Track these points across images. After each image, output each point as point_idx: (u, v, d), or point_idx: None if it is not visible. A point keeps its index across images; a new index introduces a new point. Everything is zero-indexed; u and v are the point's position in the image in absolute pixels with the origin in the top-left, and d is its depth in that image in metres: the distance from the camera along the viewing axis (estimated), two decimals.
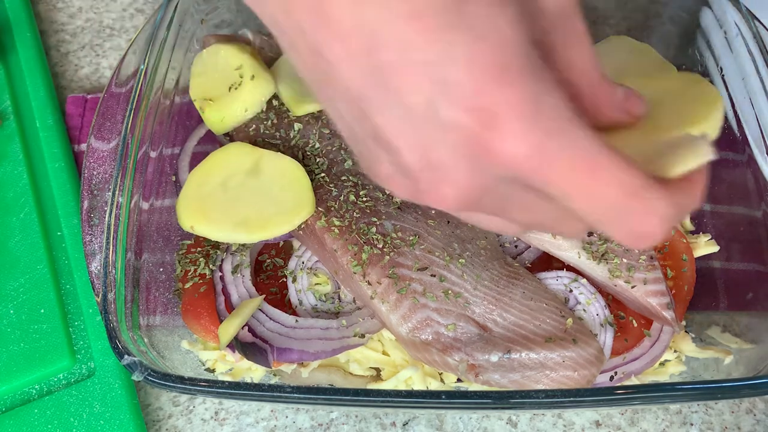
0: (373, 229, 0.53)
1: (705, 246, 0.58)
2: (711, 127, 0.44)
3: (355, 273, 0.52)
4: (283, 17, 0.32)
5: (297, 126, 0.59)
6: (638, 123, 0.40)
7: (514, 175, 0.30)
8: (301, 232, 0.55)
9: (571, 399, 0.45)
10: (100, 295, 0.50)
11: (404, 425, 0.57)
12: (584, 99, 0.34)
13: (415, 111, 0.30)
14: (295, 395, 0.46)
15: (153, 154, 0.60)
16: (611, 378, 0.52)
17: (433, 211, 0.55)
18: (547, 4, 0.32)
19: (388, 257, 0.52)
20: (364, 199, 0.55)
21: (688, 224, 0.61)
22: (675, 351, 0.55)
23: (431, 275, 0.52)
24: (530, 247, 0.57)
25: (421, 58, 0.29)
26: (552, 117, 0.29)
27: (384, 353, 0.55)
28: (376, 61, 0.29)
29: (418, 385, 0.53)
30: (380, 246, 0.53)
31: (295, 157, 0.57)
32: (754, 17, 0.60)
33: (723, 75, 0.60)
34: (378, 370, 0.56)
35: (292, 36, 0.32)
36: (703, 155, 0.32)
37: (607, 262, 0.52)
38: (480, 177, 0.31)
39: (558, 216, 0.34)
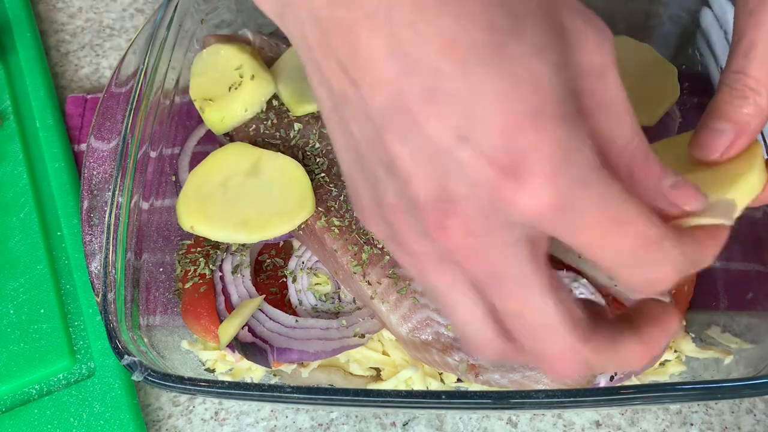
0: None
1: None
2: (752, 181, 0.41)
3: (355, 273, 0.52)
4: (312, 32, 0.31)
5: (297, 126, 0.59)
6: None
7: (532, 223, 0.29)
8: (301, 232, 0.55)
9: (571, 399, 0.45)
10: (100, 295, 0.50)
11: (404, 425, 0.57)
12: (617, 176, 0.31)
13: (436, 143, 0.29)
14: (295, 395, 0.46)
15: (153, 154, 0.60)
16: (611, 378, 0.52)
17: None
18: (579, 59, 0.30)
19: (388, 257, 0.52)
20: None
21: None
22: (675, 351, 0.55)
23: None
24: None
25: (451, 89, 0.28)
26: (581, 167, 0.29)
27: (384, 353, 0.55)
28: (405, 86, 0.28)
29: (418, 385, 0.53)
30: (380, 246, 0.52)
31: (295, 157, 0.57)
32: None
33: None
34: (378, 370, 0.56)
35: (317, 52, 0.31)
36: (723, 218, 0.33)
37: None
38: (490, 221, 0.30)
39: (549, 319, 0.31)
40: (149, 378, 0.47)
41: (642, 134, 0.32)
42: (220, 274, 0.56)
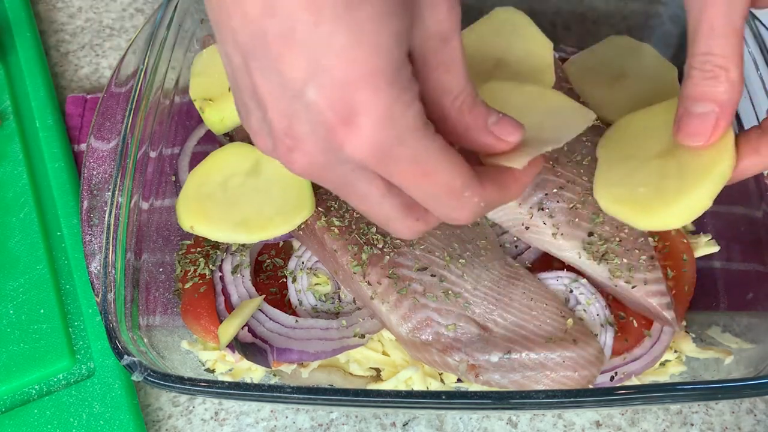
0: (373, 229, 0.53)
1: (705, 246, 0.58)
2: (723, 170, 0.44)
3: (355, 273, 0.52)
4: None
5: None
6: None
7: (359, 163, 0.35)
8: (301, 232, 0.55)
9: (572, 399, 0.45)
10: (100, 296, 0.50)
11: (404, 425, 0.57)
12: (451, 122, 0.38)
13: (288, 82, 0.33)
14: (295, 395, 0.46)
15: (153, 154, 0.60)
16: (611, 378, 0.52)
17: None
18: (428, 24, 0.35)
19: (388, 257, 0.52)
20: None
21: (689, 224, 0.61)
22: (675, 351, 0.55)
23: (431, 275, 0.52)
24: (530, 247, 0.57)
25: (304, 36, 0.32)
26: (401, 128, 0.34)
27: (384, 353, 0.55)
28: (266, 25, 0.32)
29: (418, 386, 0.53)
30: (380, 246, 0.52)
31: None
32: (755, 17, 0.60)
33: None
34: (378, 370, 0.56)
35: None
36: (514, 162, 0.39)
37: (607, 263, 0.52)
38: (328, 156, 0.35)
39: (386, 215, 0.39)
40: (149, 378, 0.47)
41: (472, 86, 0.38)
42: (220, 274, 0.56)
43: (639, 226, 0.47)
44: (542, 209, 0.53)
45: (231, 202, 0.55)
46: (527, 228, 0.54)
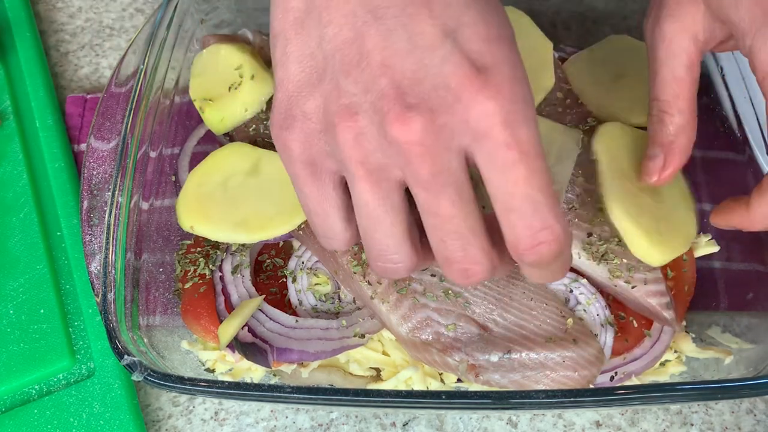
0: None
1: (705, 246, 0.58)
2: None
3: (355, 273, 0.52)
4: None
5: None
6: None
7: (477, 126, 0.33)
8: (301, 232, 0.55)
9: (572, 399, 0.45)
10: (100, 296, 0.50)
11: (404, 425, 0.57)
12: None
13: (421, 40, 0.33)
14: (295, 395, 0.46)
15: (153, 154, 0.60)
16: (611, 378, 0.52)
17: None
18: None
19: None
20: None
21: None
22: (675, 351, 0.55)
23: (431, 275, 0.52)
24: None
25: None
26: (527, 91, 0.34)
27: (384, 353, 0.55)
28: None
29: (418, 385, 0.53)
30: None
31: None
32: None
33: (723, 75, 0.60)
34: (378, 370, 0.56)
35: None
36: None
37: (607, 263, 0.52)
38: (451, 116, 0.33)
39: (471, 226, 0.36)
40: (149, 378, 0.47)
41: None
42: (220, 274, 0.56)
43: (640, 254, 0.51)
44: None
45: (231, 202, 0.55)
46: None
